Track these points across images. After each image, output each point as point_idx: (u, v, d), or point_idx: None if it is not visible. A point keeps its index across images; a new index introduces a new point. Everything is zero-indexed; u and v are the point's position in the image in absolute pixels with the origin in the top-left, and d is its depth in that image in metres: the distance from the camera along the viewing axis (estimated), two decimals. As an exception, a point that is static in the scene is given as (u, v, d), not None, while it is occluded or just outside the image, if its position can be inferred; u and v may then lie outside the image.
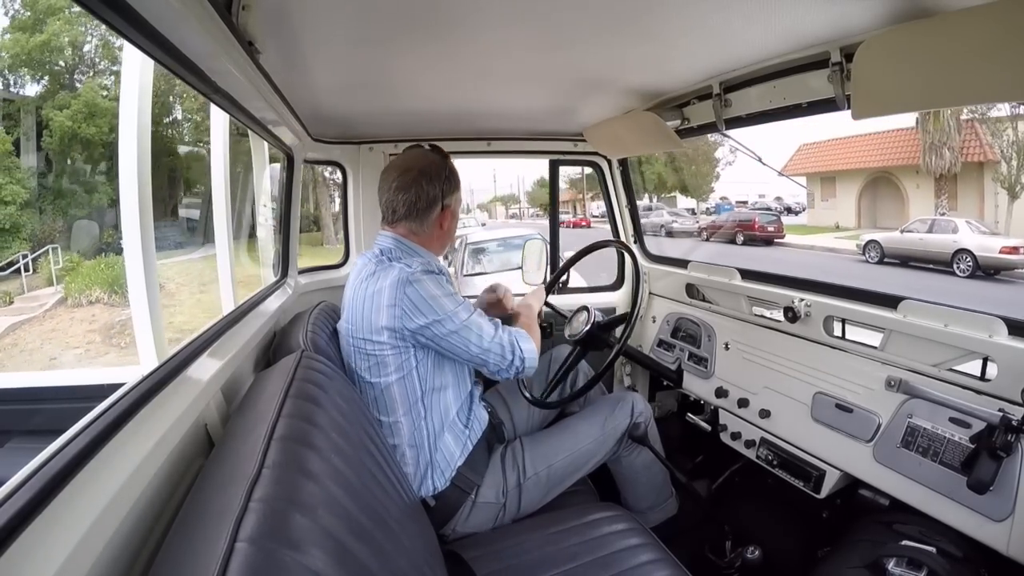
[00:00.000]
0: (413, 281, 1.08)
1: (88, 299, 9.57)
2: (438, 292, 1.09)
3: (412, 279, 1.09)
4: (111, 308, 9.31)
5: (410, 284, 1.08)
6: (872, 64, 0.92)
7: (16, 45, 11.48)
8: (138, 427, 0.66)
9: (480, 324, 1.13)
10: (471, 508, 1.17)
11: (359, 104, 1.52)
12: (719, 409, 1.57)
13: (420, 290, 1.08)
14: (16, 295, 9.81)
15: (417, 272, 1.10)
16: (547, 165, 2.12)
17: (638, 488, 1.41)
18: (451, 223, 1.24)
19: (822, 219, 15.94)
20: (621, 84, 1.40)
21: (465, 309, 1.12)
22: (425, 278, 1.09)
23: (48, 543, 0.46)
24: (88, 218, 11.31)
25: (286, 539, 0.52)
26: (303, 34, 0.96)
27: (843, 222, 15.09)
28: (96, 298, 9.56)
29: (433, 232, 1.21)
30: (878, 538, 1.03)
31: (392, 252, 1.17)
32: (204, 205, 11.71)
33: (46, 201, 11.04)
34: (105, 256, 10.38)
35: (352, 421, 0.88)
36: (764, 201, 21.87)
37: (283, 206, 1.75)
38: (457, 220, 1.27)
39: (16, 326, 9.08)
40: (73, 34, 11.94)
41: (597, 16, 0.93)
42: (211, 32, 0.67)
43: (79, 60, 12.41)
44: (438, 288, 1.10)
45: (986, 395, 1.00)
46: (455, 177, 1.22)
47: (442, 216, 1.21)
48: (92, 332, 9.00)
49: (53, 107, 11.55)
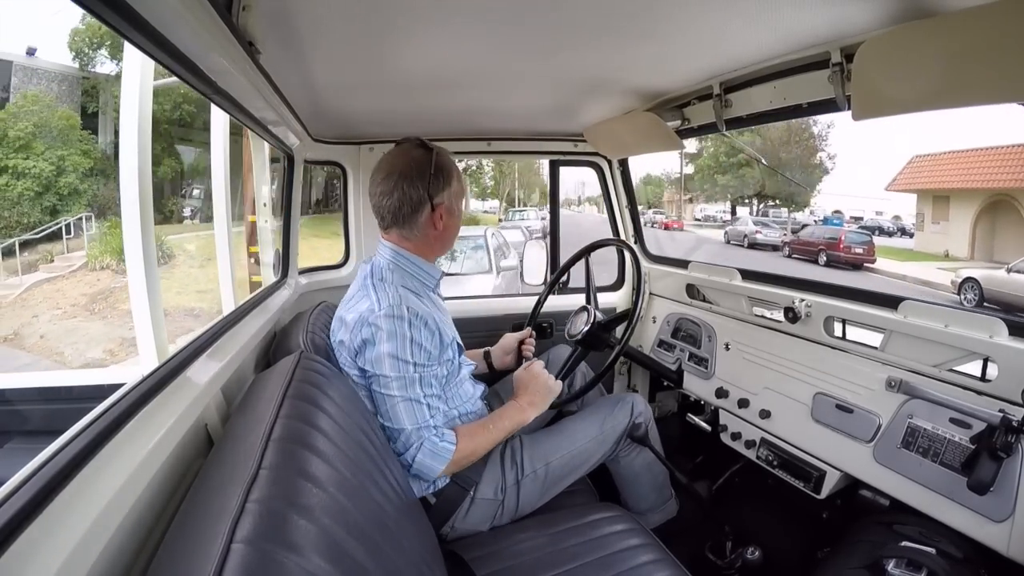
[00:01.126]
0: (373, 324, 1.05)
1: (100, 264, 10.42)
2: (386, 348, 1.04)
3: (372, 321, 1.05)
4: (116, 274, 10.05)
5: (368, 326, 1.06)
6: (872, 65, 0.92)
7: (90, 29, 12.59)
8: (138, 427, 0.66)
9: (398, 408, 1.05)
10: (470, 505, 1.17)
11: (359, 104, 1.52)
12: (719, 409, 1.57)
13: (375, 337, 1.05)
14: (57, 255, 11.01)
15: (380, 315, 1.05)
16: (647, 159, 2.09)
17: (638, 489, 1.41)
18: (449, 221, 1.17)
19: (931, 244, 13.88)
20: (621, 84, 1.40)
21: (402, 384, 1.05)
22: (385, 325, 1.05)
23: (48, 543, 0.46)
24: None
25: (283, 540, 0.52)
26: (303, 34, 0.96)
27: (955, 250, 13.04)
28: (106, 264, 10.37)
29: (427, 234, 1.16)
30: (878, 539, 1.03)
31: (382, 273, 1.14)
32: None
33: (111, 172, 11.98)
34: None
35: (350, 421, 0.88)
36: (879, 220, 19.83)
37: (283, 206, 1.75)
38: (457, 215, 1.20)
39: (41, 282, 9.92)
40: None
41: (597, 16, 0.93)
42: (211, 32, 0.67)
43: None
44: (390, 341, 1.04)
45: (986, 396, 1.00)
46: (444, 170, 1.15)
47: (434, 216, 1.14)
48: (84, 296, 9.67)
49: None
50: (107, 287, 9.83)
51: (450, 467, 1.09)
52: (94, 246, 10.85)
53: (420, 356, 1.07)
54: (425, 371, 1.08)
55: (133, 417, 0.66)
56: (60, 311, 9.16)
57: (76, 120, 12.07)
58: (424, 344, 1.08)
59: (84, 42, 12.78)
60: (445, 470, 1.08)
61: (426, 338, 1.08)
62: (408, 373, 1.06)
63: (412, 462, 1.06)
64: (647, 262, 2.05)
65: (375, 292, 1.10)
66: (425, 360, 1.08)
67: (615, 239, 1.93)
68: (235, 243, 1.66)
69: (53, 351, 7.99)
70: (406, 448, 1.06)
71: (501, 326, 1.69)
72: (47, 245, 11.06)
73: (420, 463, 1.06)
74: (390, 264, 1.16)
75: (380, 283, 1.12)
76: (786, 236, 16.41)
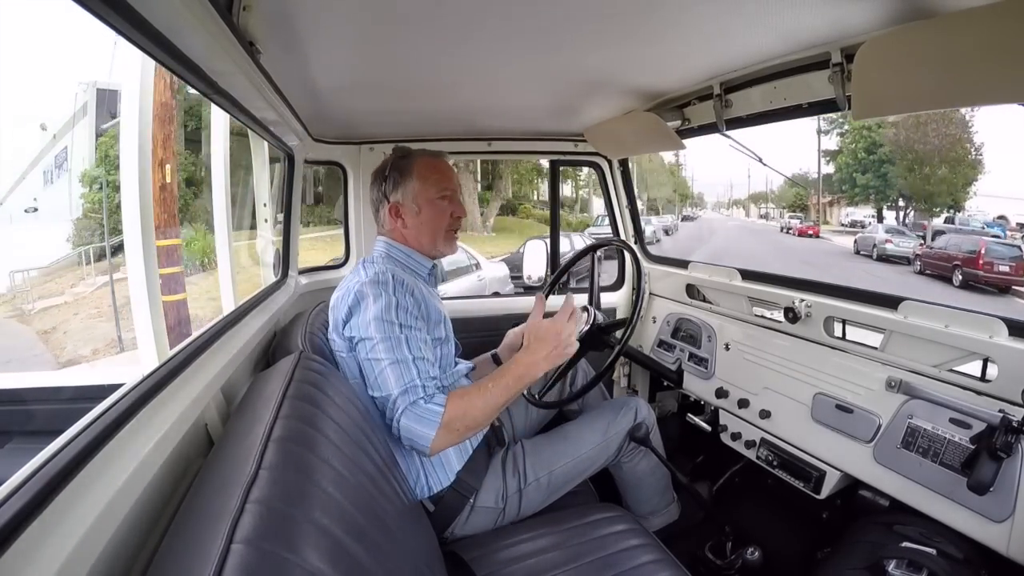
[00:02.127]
0: (358, 292, 1.09)
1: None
2: (371, 312, 1.06)
3: (358, 290, 1.09)
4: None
5: (354, 294, 1.09)
6: (873, 65, 0.92)
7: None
8: (138, 427, 0.66)
9: (385, 373, 1.02)
10: (470, 512, 1.16)
11: (359, 104, 1.52)
12: (719, 410, 1.57)
13: (361, 304, 1.08)
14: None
15: (365, 281, 1.09)
16: (781, 156, 2.03)
17: (641, 493, 1.41)
18: (413, 219, 1.23)
19: None
20: (621, 84, 1.39)
21: (388, 346, 1.03)
22: (370, 291, 1.08)
23: (48, 543, 0.46)
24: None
25: (283, 540, 0.52)
26: (303, 34, 0.96)
27: None
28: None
29: (396, 227, 1.24)
30: (878, 539, 1.03)
31: (373, 259, 1.20)
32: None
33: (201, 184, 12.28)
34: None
35: (350, 421, 0.88)
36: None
37: (284, 206, 1.75)
38: (430, 212, 1.23)
39: (108, 283, 9.69)
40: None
41: (597, 16, 0.93)
42: (211, 32, 0.67)
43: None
44: (376, 304, 1.06)
45: (986, 396, 1.00)
46: (402, 171, 1.23)
47: (390, 213, 1.23)
48: (124, 298, 10.09)
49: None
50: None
51: (442, 434, 0.98)
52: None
53: (406, 318, 1.08)
54: (412, 333, 1.07)
55: (133, 417, 0.66)
56: (96, 311, 9.22)
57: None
58: (409, 308, 1.09)
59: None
60: (437, 438, 0.98)
61: (412, 304, 1.11)
62: (394, 333, 1.05)
63: (399, 428, 0.99)
64: (647, 262, 2.05)
65: (363, 269, 1.15)
66: (412, 322, 1.08)
67: (615, 239, 1.93)
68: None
69: (60, 346, 8.14)
70: (392, 416, 1.00)
71: (501, 326, 1.69)
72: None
73: (406, 428, 0.98)
74: (383, 254, 1.24)
75: (370, 263, 1.17)
76: (921, 246, 13.47)
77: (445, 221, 1.26)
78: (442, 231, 1.26)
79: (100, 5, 0.49)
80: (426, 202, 1.23)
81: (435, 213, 1.24)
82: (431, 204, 1.24)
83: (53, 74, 16.12)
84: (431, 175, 1.24)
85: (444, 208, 1.25)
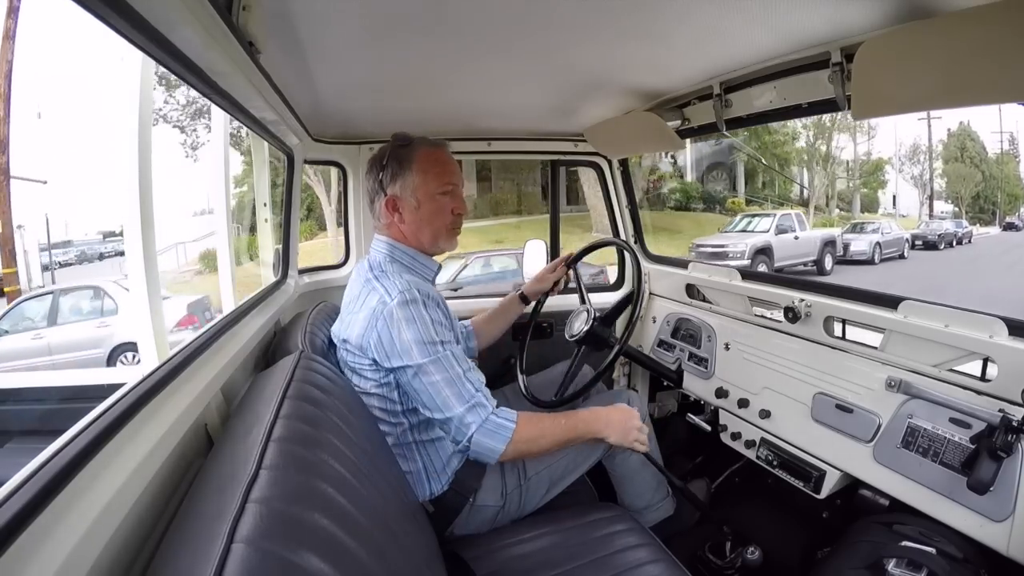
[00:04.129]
0: (388, 316, 1.02)
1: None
2: (409, 335, 1.01)
3: (387, 314, 1.02)
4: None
5: (383, 319, 1.03)
6: (872, 65, 0.92)
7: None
8: (138, 427, 0.66)
9: (443, 393, 1.01)
10: (470, 511, 1.16)
11: (359, 104, 1.52)
12: (719, 409, 1.57)
13: (392, 330, 1.02)
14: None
15: (393, 305, 1.03)
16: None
17: (635, 487, 1.40)
18: (411, 215, 1.16)
19: None
20: (621, 84, 1.40)
21: (438, 365, 1.01)
22: (401, 314, 1.02)
23: (48, 543, 0.46)
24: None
25: (283, 540, 0.52)
26: (303, 34, 0.96)
27: None
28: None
29: (392, 222, 1.16)
30: (878, 539, 1.03)
31: (381, 266, 1.13)
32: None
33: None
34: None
35: (350, 422, 0.88)
36: None
37: (283, 206, 1.75)
38: (430, 209, 1.17)
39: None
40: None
41: (597, 16, 0.93)
42: (211, 32, 0.67)
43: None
44: (411, 327, 1.02)
45: (986, 395, 1.00)
46: (400, 161, 1.14)
47: (387, 207, 1.15)
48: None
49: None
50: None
51: (510, 450, 1.00)
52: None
53: (444, 334, 1.06)
54: (452, 348, 1.06)
55: (133, 417, 0.66)
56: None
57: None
58: (442, 322, 1.07)
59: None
60: (506, 454, 1.00)
61: (441, 316, 1.08)
62: (440, 352, 1.03)
63: (470, 444, 1.00)
64: (647, 262, 2.05)
65: (381, 284, 1.08)
66: (447, 336, 1.07)
67: (615, 239, 1.93)
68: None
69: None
70: (462, 432, 1.00)
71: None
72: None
73: (478, 444, 0.99)
74: (387, 257, 1.17)
75: (383, 275, 1.10)
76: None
77: (447, 219, 1.20)
78: (443, 229, 1.20)
79: (99, 5, 0.49)
80: (427, 197, 1.16)
81: (435, 209, 1.18)
82: (432, 200, 1.17)
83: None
84: (432, 168, 1.17)
85: (445, 205, 1.19)
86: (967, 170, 19.65)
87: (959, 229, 15.28)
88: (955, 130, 20.04)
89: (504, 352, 1.75)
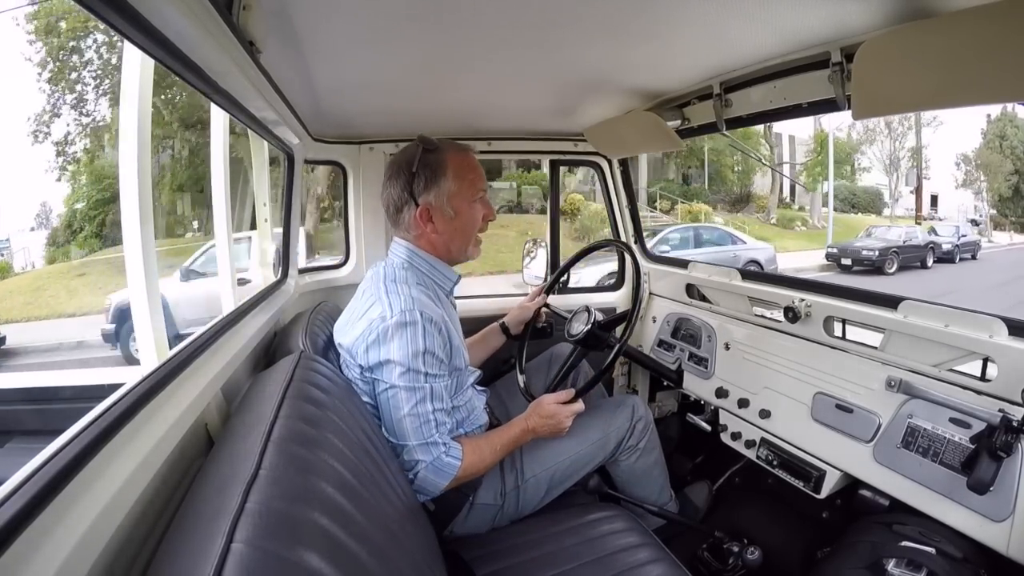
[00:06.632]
0: (382, 332, 1.02)
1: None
2: (396, 355, 1.01)
3: (382, 330, 1.02)
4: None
5: (377, 333, 1.03)
6: (873, 64, 0.92)
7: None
8: (138, 427, 0.65)
9: (404, 424, 1.02)
10: (469, 510, 1.16)
11: (359, 104, 1.52)
12: (719, 409, 1.57)
13: (383, 345, 1.02)
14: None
15: (391, 323, 1.02)
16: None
17: (638, 491, 1.41)
18: (445, 225, 1.13)
19: None
20: (621, 84, 1.39)
21: (411, 396, 1.02)
22: (396, 333, 1.02)
23: (48, 543, 0.46)
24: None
25: (283, 539, 0.52)
26: (303, 34, 0.96)
27: None
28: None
29: (425, 234, 1.13)
30: (878, 539, 1.03)
31: (395, 273, 1.11)
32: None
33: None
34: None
35: (350, 422, 0.88)
36: None
37: (284, 206, 1.75)
38: (463, 218, 1.14)
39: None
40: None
41: (597, 16, 0.93)
42: (211, 32, 0.66)
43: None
44: (400, 349, 1.02)
45: (986, 395, 1.00)
46: (432, 168, 1.10)
47: (420, 217, 1.11)
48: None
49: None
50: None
51: (452, 484, 1.06)
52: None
53: (433, 366, 1.04)
54: (436, 383, 1.05)
55: (133, 417, 0.66)
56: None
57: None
58: (436, 352, 1.04)
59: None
60: (448, 486, 1.06)
61: (439, 346, 1.05)
62: (419, 384, 1.02)
63: (415, 478, 1.03)
64: (647, 262, 2.05)
65: (387, 296, 1.06)
66: (437, 370, 1.05)
67: (614, 239, 1.93)
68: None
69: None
70: (409, 465, 1.04)
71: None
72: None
73: (423, 479, 1.04)
74: (405, 263, 1.14)
75: (393, 284, 1.08)
76: None
77: (478, 225, 1.19)
78: (474, 236, 1.19)
79: (99, 4, 0.49)
80: (464, 204, 1.14)
81: (472, 217, 1.16)
82: (469, 207, 1.14)
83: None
84: (467, 174, 1.13)
85: (478, 212, 1.17)
86: (996, 158, 17.07)
87: (954, 239, 11.89)
88: (995, 116, 17.30)
89: (504, 352, 1.75)
